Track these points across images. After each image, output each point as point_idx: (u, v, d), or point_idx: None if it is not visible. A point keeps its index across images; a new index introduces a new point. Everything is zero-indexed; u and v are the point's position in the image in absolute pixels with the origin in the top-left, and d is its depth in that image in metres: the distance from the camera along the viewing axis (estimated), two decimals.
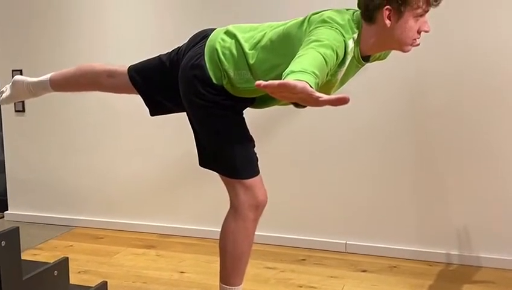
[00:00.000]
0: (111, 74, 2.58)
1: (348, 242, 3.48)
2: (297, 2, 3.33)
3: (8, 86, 2.84)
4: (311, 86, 1.55)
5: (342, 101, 1.43)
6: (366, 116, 3.34)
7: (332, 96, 1.46)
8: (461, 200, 3.24)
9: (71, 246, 3.71)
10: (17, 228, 1.89)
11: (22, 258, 1.91)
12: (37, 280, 1.97)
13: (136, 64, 2.55)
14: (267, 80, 1.99)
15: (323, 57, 1.80)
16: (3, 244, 1.80)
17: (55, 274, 2.08)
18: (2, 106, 4.20)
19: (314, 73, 1.67)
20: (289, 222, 3.59)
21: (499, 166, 3.16)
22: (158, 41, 3.55)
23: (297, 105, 1.70)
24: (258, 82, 1.48)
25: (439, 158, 3.26)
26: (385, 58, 2.36)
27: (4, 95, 2.83)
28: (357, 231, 3.47)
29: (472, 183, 3.21)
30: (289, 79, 1.56)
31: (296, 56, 1.81)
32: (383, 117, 3.32)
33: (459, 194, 3.24)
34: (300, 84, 1.49)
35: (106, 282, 2.23)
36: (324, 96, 1.48)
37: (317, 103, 1.50)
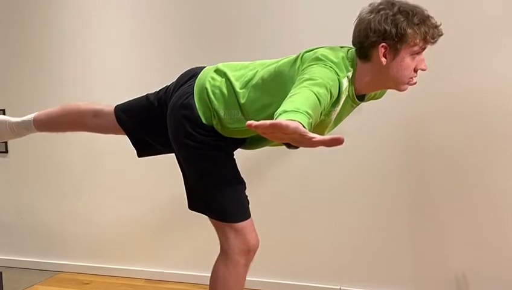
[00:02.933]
0: (97, 114, 2.53)
1: (342, 288, 3.38)
2: (288, 41, 3.31)
3: None
4: (304, 126, 1.51)
5: (337, 141, 1.38)
6: (361, 158, 3.28)
7: (326, 136, 1.42)
8: (459, 244, 3.17)
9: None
10: (0, 273, 1.82)
11: None
12: None
13: (123, 103, 2.50)
14: (258, 120, 1.92)
15: (317, 96, 1.76)
16: None
17: None
18: None
19: (307, 113, 1.62)
20: (281, 267, 3.49)
21: (498, 209, 3.09)
22: (144, 81, 3.47)
23: (289, 146, 1.65)
24: (249, 122, 1.43)
25: (437, 201, 3.20)
26: (381, 97, 2.32)
27: None
28: (352, 276, 3.37)
29: (471, 226, 3.14)
30: (281, 119, 1.51)
31: (289, 95, 1.76)
32: (379, 159, 3.27)
33: (457, 238, 3.17)
34: (292, 124, 1.44)
35: None
36: (318, 137, 1.44)
37: (311, 143, 1.45)
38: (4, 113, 3.73)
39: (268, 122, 1.42)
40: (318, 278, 3.42)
